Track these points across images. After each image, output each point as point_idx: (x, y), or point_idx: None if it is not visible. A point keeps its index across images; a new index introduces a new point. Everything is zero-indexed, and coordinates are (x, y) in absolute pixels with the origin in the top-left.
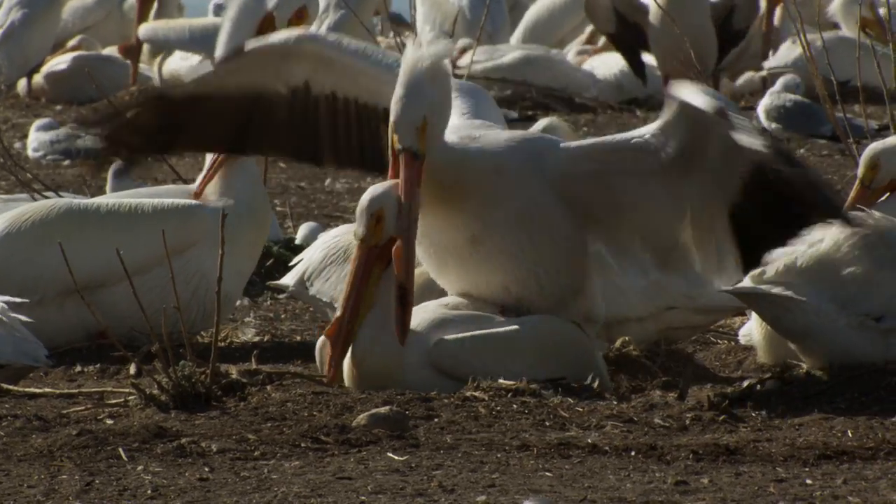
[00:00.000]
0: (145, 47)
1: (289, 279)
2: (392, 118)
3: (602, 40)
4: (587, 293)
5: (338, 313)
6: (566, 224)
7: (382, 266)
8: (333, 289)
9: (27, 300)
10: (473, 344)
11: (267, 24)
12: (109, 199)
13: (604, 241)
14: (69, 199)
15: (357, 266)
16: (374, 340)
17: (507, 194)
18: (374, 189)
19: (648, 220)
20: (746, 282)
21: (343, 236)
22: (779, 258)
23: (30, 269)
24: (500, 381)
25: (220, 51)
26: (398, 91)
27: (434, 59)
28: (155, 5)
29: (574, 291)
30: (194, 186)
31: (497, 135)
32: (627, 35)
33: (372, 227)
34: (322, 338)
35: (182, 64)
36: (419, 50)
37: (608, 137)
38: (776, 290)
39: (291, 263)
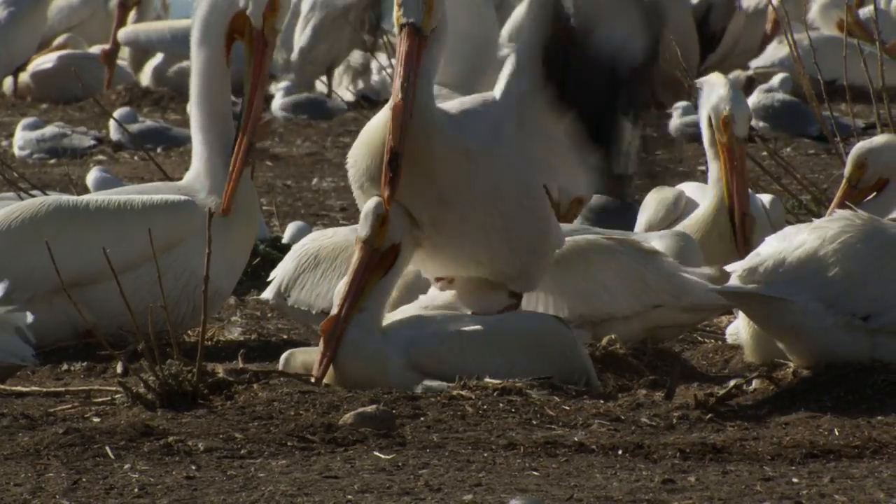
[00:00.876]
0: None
1: (268, 293)
2: None
3: None
4: (550, 232)
5: (334, 311)
6: (532, 185)
7: (383, 270)
8: (309, 295)
9: (13, 306)
10: (452, 343)
11: (238, 21)
12: (98, 195)
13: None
14: (58, 197)
15: (358, 266)
16: (359, 344)
17: (474, 177)
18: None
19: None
20: (734, 281)
21: (312, 243)
22: (767, 257)
23: (21, 267)
24: (487, 379)
25: (193, 50)
26: None
27: None
28: (134, 9)
29: (541, 240)
30: (183, 184)
31: (462, 106)
32: None
33: (376, 229)
34: (287, 351)
35: (164, 66)
36: None
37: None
38: (763, 289)
39: (269, 279)
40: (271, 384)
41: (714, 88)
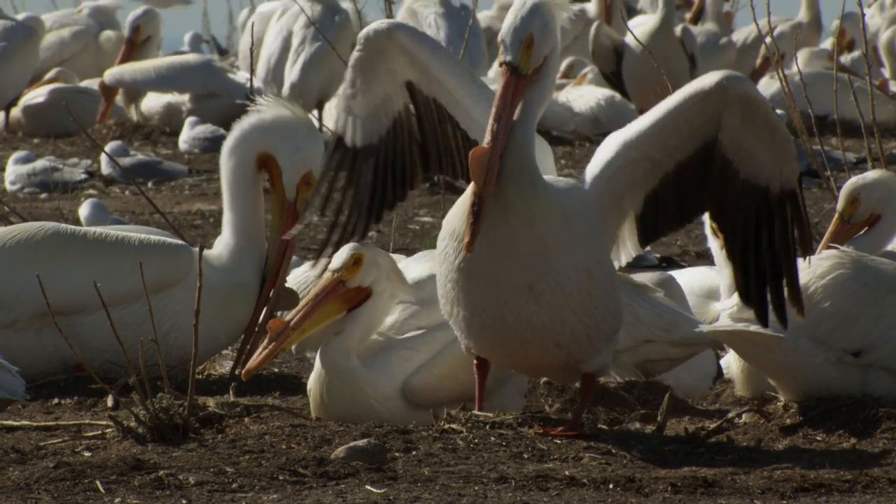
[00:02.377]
0: None
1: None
2: (501, 34)
3: (579, 74)
4: (620, 325)
5: (287, 317)
6: (614, 274)
7: (346, 305)
8: None
9: None
10: (445, 373)
11: (263, 160)
12: (98, 227)
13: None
14: (57, 224)
15: (320, 289)
16: (338, 368)
17: (570, 241)
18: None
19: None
20: (724, 319)
21: (306, 273)
22: None
23: (9, 287)
24: (476, 412)
25: (223, 160)
26: (512, 9)
27: (557, 2)
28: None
29: (613, 335)
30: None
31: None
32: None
33: (348, 264)
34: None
35: (156, 102)
36: None
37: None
38: (753, 327)
39: None
40: (262, 418)
41: None
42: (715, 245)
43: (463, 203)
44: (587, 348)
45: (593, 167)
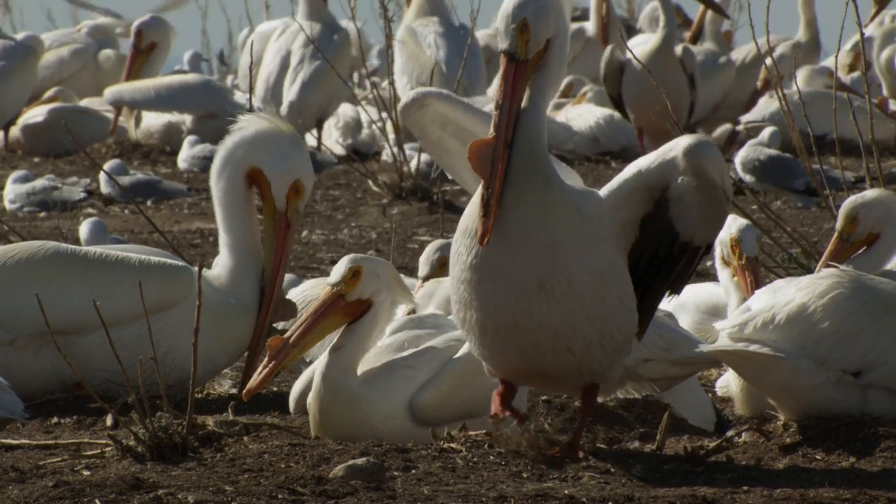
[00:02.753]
0: None
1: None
2: (496, 22)
3: (578, 92)
4: (633, 337)
5: (286, 334)
6: (628, 286)
7: (346, 319)
8: None
9: None
10: (450, 391)
11: (253, 175)
12: (98, 248)
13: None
14: (58, 243)
15: (319, 304)
16: (338, 387)
17: (585, 239)
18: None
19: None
20: (724, 339)
21: (312, 290)
22: (756, 314)
23: (8, 306)
24: (474, 432)
25: (213, 182)
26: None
27: None
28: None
29: (625, 345)
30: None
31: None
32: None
33: (347, 278)
34: (297, 387)
35: (156, 121)
36: None
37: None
38: (752, 347)
39: None
40: (261, 436)
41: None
42: (725, 274)
43: (475, 201)
44: (600, 357)
45: (612, 183)
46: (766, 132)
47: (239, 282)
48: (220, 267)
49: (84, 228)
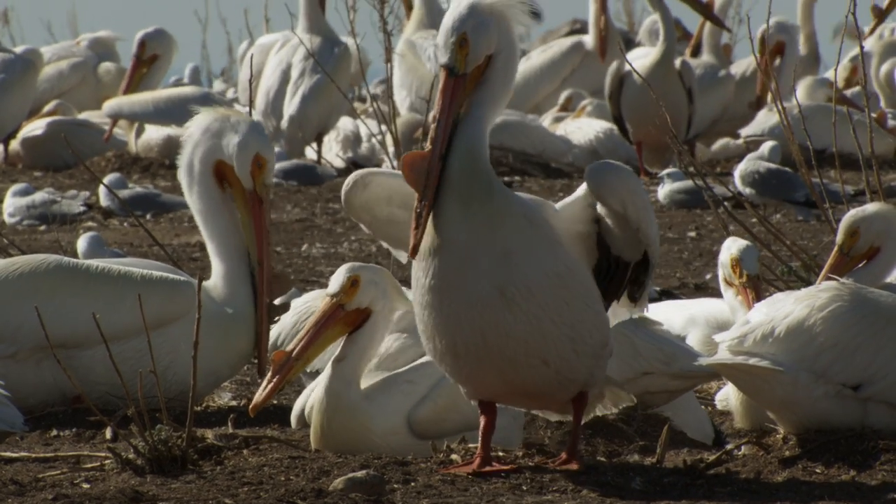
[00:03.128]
0: None
1: None
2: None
3: (577, 106)
4: (609, 339)
5: (288, 347)
6: (592, 290)
7: (347, 328)
8: None
9: None
10: (448, 404)
11: (221, 169)
12: (100, 261)
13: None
14: (60, 257)
15: (320, 316)
16: (341, 398)
17: (537, 245)
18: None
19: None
20: (723, 352)
21: (314, 301)
22: (755, 327)
23: (10, 319)
24: (471, 445)
25: (185, 190)
26: (448, 10)
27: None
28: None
29: (603, 344)
30: (182, 276)
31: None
32: None
33: (346, 287)
34: (299, 401)
35: (155, 134)
36: None
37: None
38: (752, 360)
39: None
40: (261, 449)
41: (722, 250)
42: (728, 294)
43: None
44: (577, 365)
45: (567, 198)
46: (766, 146)
47: (235, 289)
48: (215, 276)
49: (81, 242)
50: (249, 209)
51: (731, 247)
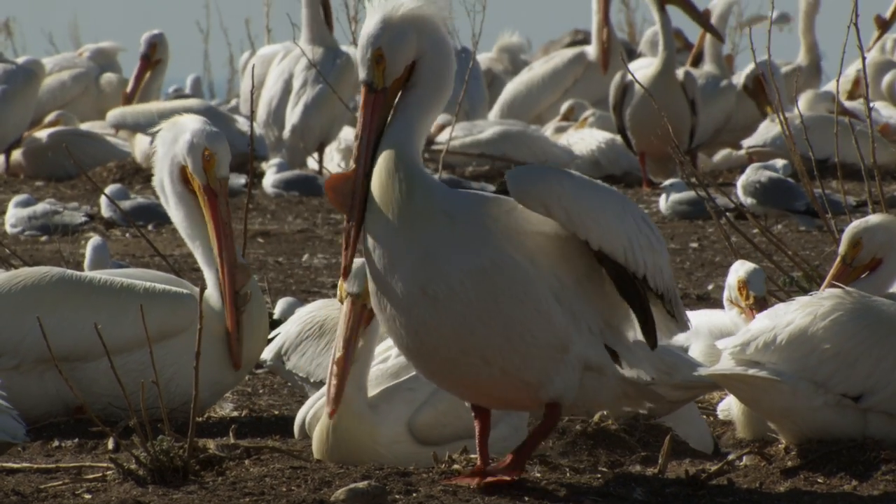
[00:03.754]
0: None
1: (266, 353)
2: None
3: (580, 116)
4: (570, 340)
5: (338, 354)
6: (532, 287)
7: (366, 323)
8: (309, 363)
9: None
10: (448, 409)
11: (185, 174)
12: (103, 274)
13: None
14: (63, 269)
15: (348, 318)
16: (351, 403)
17: (459, 245)
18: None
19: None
20: (725, 360)
21: (318, 311)
22: (757, 335)
23: (13, 332)
24: (472, 455)
25: (163, 202)
26: (364, 25)
27: (405, 9)
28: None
29: (556, 353)
30: (190, 286)
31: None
32: None
33: (366, 286)
34: (302, 411)
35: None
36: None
37: None
38: (752, 370)
39: (269, 336)
40: (263, 460)
41: (730, 273)
42: (733, 313)
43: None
44: (524, 365)
45: None
46: (777, 165)
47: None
48: (209, 285)
49: (88, 248)
50: (204, 202)
51: (739, 269)
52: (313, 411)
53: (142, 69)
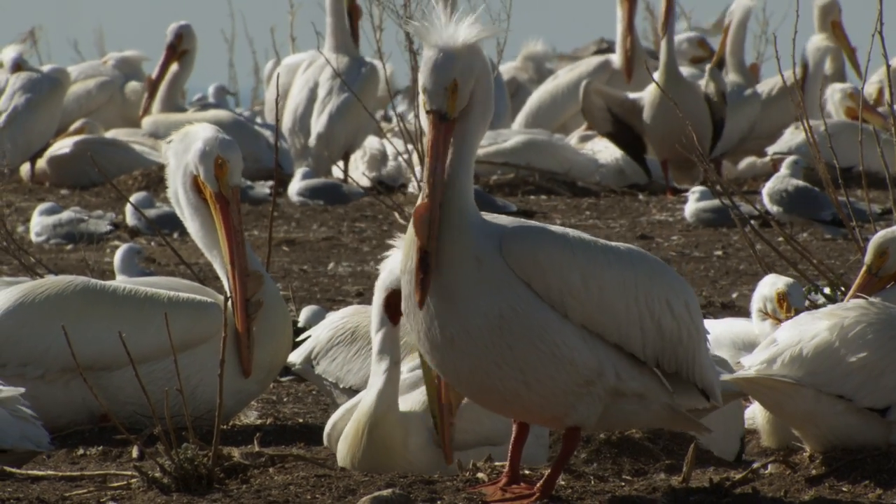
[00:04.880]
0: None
1: (295, 357)
2: (420, 81)
3: None
4: (580, 376)
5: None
6: (549, 329)
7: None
8: (340, 369)
9: (22, 389)
10: (469, 416)
11: (198, 184)
12: (126, 283)
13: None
14: (87, 278)
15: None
16: (392, 404)
17: (482, 290)
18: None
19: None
20: (750, 370)
21: (351, 317)
22: (783, 348)
23: (38, 342)
24: (497, 463)
25: (178, 213)
26: (426, 55)
27: (467, 36)
28: (163, 88)
29: (579, 388)
30: (215, 294)
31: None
32: (624, 134)
33: None
34: (331, 422)
35: None
36: (451, 26)
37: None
38: (775, 375)
39: (298, 340)
40: (287, 468)
41: (762, 285)
42: (765, 324)
43: (407, 261)
44: (551, 403)
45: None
46: (788, 161)
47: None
48: (229, 293)
49: (119, 251)
50: (216, 210)
51: (777, 283)
52: (332, 423)
53: (167, 58)
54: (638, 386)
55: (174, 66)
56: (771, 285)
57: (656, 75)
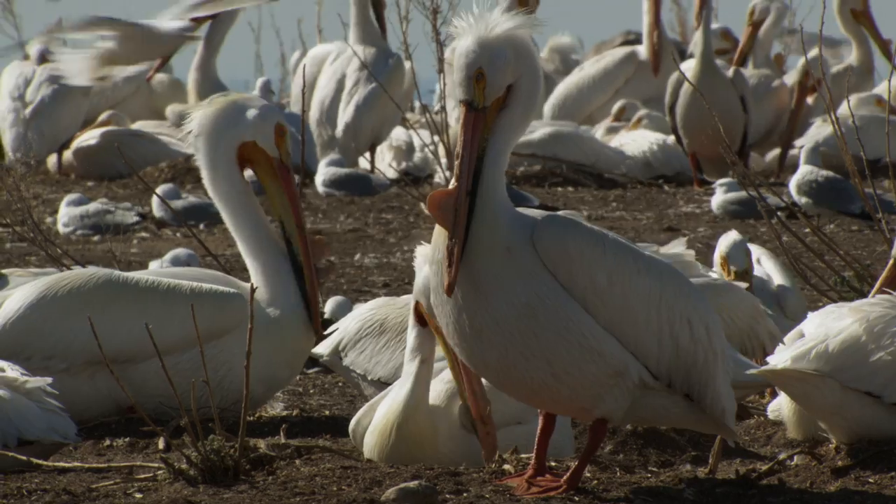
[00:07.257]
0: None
1: (322, 348)
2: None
3: (632, 117)
4: (607, 368)
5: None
6: (575, 322)
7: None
8: (368, 361)
9: (50, 378)
10: (494, 392)
11: (246, 150)
12: (149, 275)
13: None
14: (110, 270)
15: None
16: (423, 400)
17: (510, 280)
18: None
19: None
20: (778, 366)
21: (379, 309)
22: (810, 347)
23: (62, 335)
24: (523, 455)
25: (207, 185)
26: (459, 45)
27: (498, 28)
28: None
29: (609, 379)
30: (239, 284)
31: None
32: None
33: None
34: (356, 418)
35: None
36: (484, 18)
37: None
38: (803, 367)
39: (326, 332)
40: (313, 459)
41: (719, 243)
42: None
43: (435, 251)
44: (579, 395)
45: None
46: (807, 148)
47: (277, 287)
48: (255, 277)
49: (172, 254)
50: (279, 178)
51: (722, 243)
52: (356, 419)
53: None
54: (660, 384)
55: (201, 51)
56: (718, 247)
57: (692, 65)
